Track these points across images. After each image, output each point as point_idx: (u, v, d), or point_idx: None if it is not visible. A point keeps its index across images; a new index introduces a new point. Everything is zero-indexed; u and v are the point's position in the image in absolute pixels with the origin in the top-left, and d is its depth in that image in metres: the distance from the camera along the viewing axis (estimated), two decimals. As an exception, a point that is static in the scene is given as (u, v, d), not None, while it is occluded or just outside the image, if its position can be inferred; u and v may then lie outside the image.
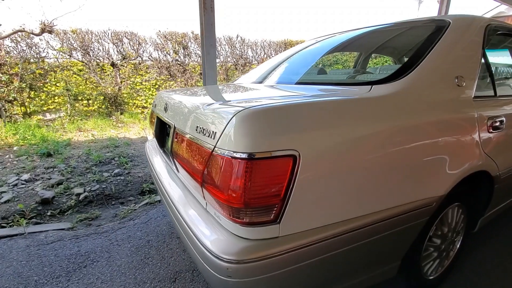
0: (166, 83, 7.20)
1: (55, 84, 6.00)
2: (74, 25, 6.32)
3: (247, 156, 0.74)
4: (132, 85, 6.82)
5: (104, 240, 1.94)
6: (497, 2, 6.36)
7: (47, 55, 5.99)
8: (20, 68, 5.50)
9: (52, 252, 1.80)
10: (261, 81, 1.89)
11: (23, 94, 5.67)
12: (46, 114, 6.09)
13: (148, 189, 2.79)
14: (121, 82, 6.73)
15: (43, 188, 2.70)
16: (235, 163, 0.76)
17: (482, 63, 1.34)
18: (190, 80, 7.28)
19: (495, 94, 1.40)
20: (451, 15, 1.46)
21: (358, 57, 2.60)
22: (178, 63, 7.25)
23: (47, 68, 5.92)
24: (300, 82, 1.65)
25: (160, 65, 7.08)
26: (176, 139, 1.17)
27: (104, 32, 6.39)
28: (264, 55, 8.02)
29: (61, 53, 6.12)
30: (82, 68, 6.39)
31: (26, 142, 4.33)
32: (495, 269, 1.61)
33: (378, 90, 1.02)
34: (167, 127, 1.35)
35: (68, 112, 6.03)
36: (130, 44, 6.73)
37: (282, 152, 0.76)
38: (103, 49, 6.50)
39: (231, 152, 0.76)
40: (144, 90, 6.98)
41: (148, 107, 6.90)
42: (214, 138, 0.83)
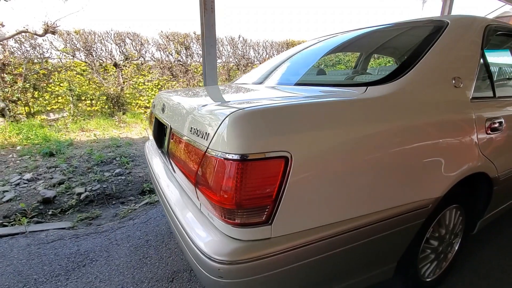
0: (169, 83, 7.23)
1: (59, 84, 6.06)
2: (77, 25, 6.37)
3: (239, 157, 0.74)
4: (134, 85, 6.86)
5: (103, 240, 1.95)
6: (501, 2, 6.30)
7: (50, 56, 6.05)
8: (24, 69, 5.56)
9: (52, 251, 1.82)
10: (261, 81, 1.89)
11: (27, 94, 5.72)
12: (50, 114, 6.15)
13: (149, 189, 2.80)
14: (123, 82, 6.77)
15: (44, 188, 2.73)
16: (227, 164, 0.76)
17: (481, 64, 1.33)
18: (192, 81, 7.31)
19: (494, 95, 1.39)
20: (450, 16, 1.45)
21: (359, 57, 2.59)
22: (180, 63, 7.28)
23: (51, 68, 5.98)
24: (299, 83, 1.64)
25: (162, 65, 7.11)
26: (172, 140, 1.18)
27: (107, 32, 6.44)
28: (266, 56, 8.02)
29: (64, 53, 6.17)
30: (85, 68, 6.44)
31: (29, 141, 4.38)
32: (495, 270, 1.60)
33: (373, 91, 1.02)
34: (165, 128, 1.36)
35: (71, 112, 6.08)
36: (132, 44, 6.77)
37: (274, 154, 0.76)
38: (106, 49, 6.55)
39: (223, 153, 0.77)
40: (146, 91, 7.02)
41: (150, 107, 6.94)
42: (207, 139, 0.83)
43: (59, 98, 6.09)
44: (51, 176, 3.06)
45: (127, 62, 6.78)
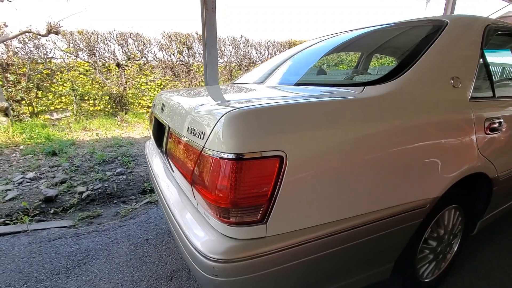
0: (171, 83, 7.26)
1: (62, 84, 6.11)
2: (80, 26, 6.42)
3: (233, 156, 0.75)
4: (137, 85, 6.90)
5: (104, 238, 1.97)
6: (505, 2, 6.25)
7: (54, 56, 6.10)
8: (28, 69, 5.61)
9: (53, 249, 1.84)
10: (261, 81, 1.88)
11: (31, 94, 5.78)
12: (54, 114, 6.20)
13: (150, 188, 2.82)
14: (126, 82, 6.81)
15: (47, 187, 2.76)
16: (222, 163, 0.76)
17: (481, 63, 1.32)
18: (194, 80, 7.33)
19: (493, 95, 1.38)
20: (450, 15, 1.45)
21: (360, 57, 2.58)
22: (183, 63, 7.31)
23: (54, 68, 6.03)
24: (299, 83, 1.64)
25: (164, 65, 7.14)
26: (170, 139, 1.19)
27: (110, 33, 6.48)
28: (268, 56, 8.02)
29: (67, 53, 6.22)
30: (88, 68, 6.49)
31: (32, 141, 4.42)
32: (495, 271, 1.59)
33: (370, 91, 1.02)
34: (163, 127, 1.37)
35: (74, 112, 6.13)
36: (135, 44, 6.80)
37: (269, 153, 0.76)
38: (108, 49, 6.59)
39: (219, 152, 0.77)
40: (149, 90, 7.05)
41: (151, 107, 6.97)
42: (203, 139, 0.84)
43: (62, 98, 6.14)
44: (54, 175, 3.09)
45: (130, 62, 6.82)
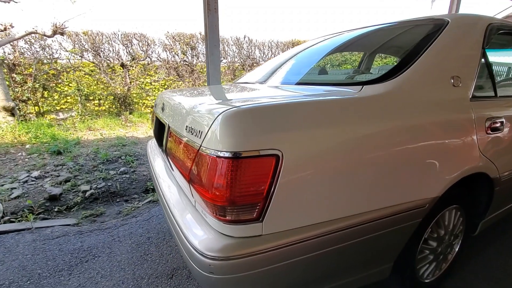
0: (175, 83, 7.30)
1: (68, 85, 6.19)
2: (85, 26, 6.49)
3: (229, 155, 0.75)
4: (141, 85, 6.95)
5: (106, 236, 1.99)
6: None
7: (59, 56, 6.18)
8: (34, 69, 5.69)
9: (57, 246, 1.87)
10: (262, 80, 1.89)
11: (37, 94, 5.86)
12: (59, 114, 6.28)
13: (152, 187, 2.84)
14: (130, 82, 6.87)
15: (51, 185, 2.80)
16: (218, 161, 0.77)
17: (482, 62, 1.31)
18: (197, 81, 7.36)
19: (495, 94, 1.37)
20: (451, 14, 1.44)
21: (362, 56, 2.57)
22: (186, 63, 7.34)
23: (60, 68, 6.11)
24: (300, 83, 1.64)
25: (168, 65, 7.18)
26: (170, 138, 1.20)
27: (114, 33, 6.54)
28: (272, 56, 8.02)
29: (73, 54, 6.29)
30: (93, 68, 6.56)
31: (38, 140, 4.48)
32: (497, 272, 1.57)
33: (368, 90, 1.02)
34: (164, 127, 1.38)
35: (79, 112, 6.20)
36: (139, 45, 6.86)
37: (265, 152, 0.77)
38: (113, 50, 6.65)
39: (215, 151, 0.78)
40: (153, 91, 7.10)
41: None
42: (201, 137, 0.85)
43: (68, 98, 6.22)
44: (58, 174, 3.13)
45: (134, 63, 6.87)
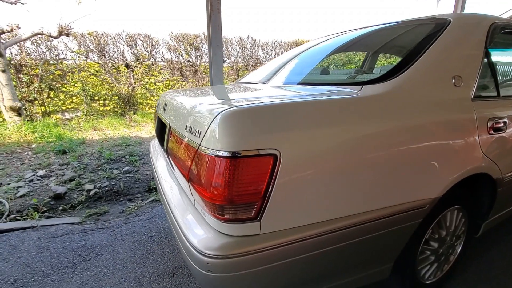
0: (179, 83, 7.34)
1: (73, 85, 6.26)
2: (90, 27, 6.56)
3: (227, 154, 0.76)
4: (145, 85, 7.01)
5: (109, 235, 2.01)
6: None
7: (65, 57, 6.26)
8: (40, 69, 5.77)
9: (61, 244, 1.89)
10: (264, 80, 1.88)
11: (43, 94, 5.94)
12: (65, 114, 6.36)
13: (155, 186, 2.86)
14: (134, 82, 6.93)
15: (56, 184, 2.83)
16: (217, 161, 0.78)
17: (485, 62, 1.30)
18: (201, 81, 7.40)
19: (498, 94, 1.36)
20: (453, 14, 1.43)
21: (365, 56, 2.57)
22: (190, 64, 7.38)
23: (65, 69, 6.19)
24: (302, 83, 1.64)
25: (172, 66, 7.23)
26: (170, 138, 1.21)
27: (119, 34, 6.60)
28: (275, 56, 8.02)
29: (78, 55, 6.37)
30: (98, 69, 6.63)
31: (44, 140, 4.54)
32: (499, 274, 1.55)
33: (367, 90, 1.02)
34: (165, 126, 1.39)
35: (84, 112, 6.27)
36: (143, 45, 6.91)
37: (263, 151, 0.77)
38: (118, 51, 6.72)
39: (214, 150, 0.79)
40: (157, 91, 7.16)
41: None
42: (200, 137, 0.86)
43: (74, 98, 6.30)
44: (63, 173, 3.17)
45: (138, 63, 6.93)
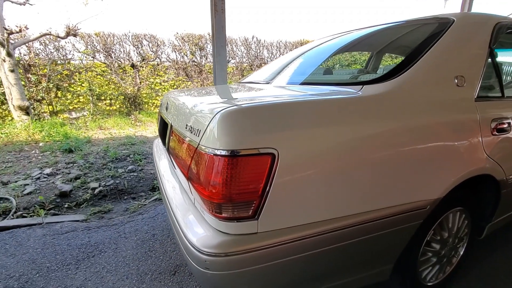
0: (184, 83, 7.39)
1: (80, 85, 6.35)
2: (97, 28, 6.65)
3: (226, 153, 0.77)
4: (151, 85, 7.07)
5: (113, 233, 2.04)
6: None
7: (72, 57, 6.35)
8: (48, 69, 5.87)
9: (65, 241, 1.93)
10: (268, 80, 1.89)
11: (51, 93, 6.04)
12: (72, 113, 6.46)
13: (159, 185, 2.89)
14: (140, 82, 6.99)
15: (62, 182, 2.88)
16: (215, 159, 0.79)
17: (489, 62, 1.29)
18: (206, 81, 7.43)
19: (502, 95, 1.34)
20: (457, 13, 1.41)
21: (369, 56, 2.55)
22: (195, 64, 7.42)
23: (73, 69, 6.28)
24: (305, 83, 1.64)
25: (177, 66, 7.28)
26: (172, 137, 1.23)
27: (125, 34, 6.67)
28: (280, 56, 8.02)
29: (85, 55, 6.46)
30: (105, 69, 6.71)
31: (51, 138, 4.62)
32: (503, 277, 1.53)
33: (367, 90, 1.02)
34: (167, 126, 1.41)
35: (91, 111, 6.35)
36: (149, 46, 6.98)
37: (261, 150, 0.78)
38: (124, 51, 6.79)
39: (212, 149, 0.80)
40: (162, 91, 7.21)
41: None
42: (199, 136, 0.87)
43: (80, 97, 6.39)
44: (69, 171, 3.22)
45: (144, 63, 7.00)
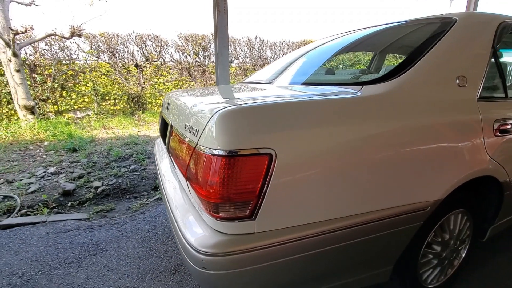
0: (187, 83, 7.42)
1: (85, 85, 6.41)
2: (102, 28, 6.71)
3: (223, 153, 0.77)
4: (154, 85, 7.11)
5: (115, 231, 2.06)
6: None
7: (77, 57, 6.41)
8: (53, 69, 5.93)
9: (68, 240, 1.94)
10: (269, 80, 1.88)
11: (56, 93, 6.10)
12: (77, 113, 6.52)
13: (161, 185, 2.90)
14: (144, 82, 7.03)
15: (66, 181, 2.91)
16: (213, 159, 0.79)
17: (492, 62, 1.27)
18: (209, 81, 7.45)
19: (506, 95, 1.32)
20: (460, 13, 1.40)
21: (372, 56, 2.54)
22: (198, 64, 7.45)
23: (77, 69, 6.34)
24: (306, 83, 1.64)
25: (181, 66, 7.31)
26: (172, 137, 1.23)
27: (129, 35, 6.72)
28: (283, 56, 8.01)
29: (90, 55, 6.52)
30: (109, 69, 6.76)
31: (55, 138, 4.66)
32: (505, 280, 1.51)
33: (367, 91, 1.01)
34: (167, 126, 1.41)
35: (95, 111, 6.41)
36: (153, 46, 7.02)
37: (258, 151, 0.78)
38: (128, 51, 6.83)
39: (210, 149, 0.80)
40: (166, 90, 7.25)
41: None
42: (197, 136, 0.87)
43: (85, 97, 6.44)
44: (73, 170, 3.25)
45: (148, 63, 7.04)
